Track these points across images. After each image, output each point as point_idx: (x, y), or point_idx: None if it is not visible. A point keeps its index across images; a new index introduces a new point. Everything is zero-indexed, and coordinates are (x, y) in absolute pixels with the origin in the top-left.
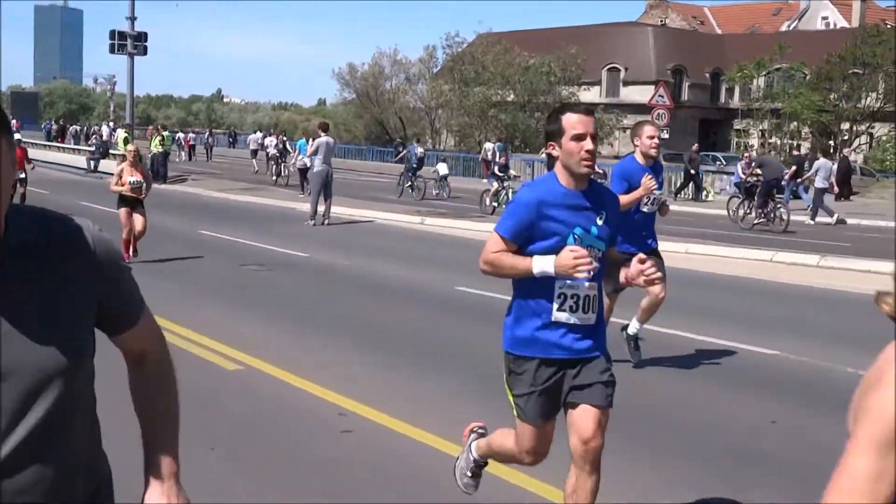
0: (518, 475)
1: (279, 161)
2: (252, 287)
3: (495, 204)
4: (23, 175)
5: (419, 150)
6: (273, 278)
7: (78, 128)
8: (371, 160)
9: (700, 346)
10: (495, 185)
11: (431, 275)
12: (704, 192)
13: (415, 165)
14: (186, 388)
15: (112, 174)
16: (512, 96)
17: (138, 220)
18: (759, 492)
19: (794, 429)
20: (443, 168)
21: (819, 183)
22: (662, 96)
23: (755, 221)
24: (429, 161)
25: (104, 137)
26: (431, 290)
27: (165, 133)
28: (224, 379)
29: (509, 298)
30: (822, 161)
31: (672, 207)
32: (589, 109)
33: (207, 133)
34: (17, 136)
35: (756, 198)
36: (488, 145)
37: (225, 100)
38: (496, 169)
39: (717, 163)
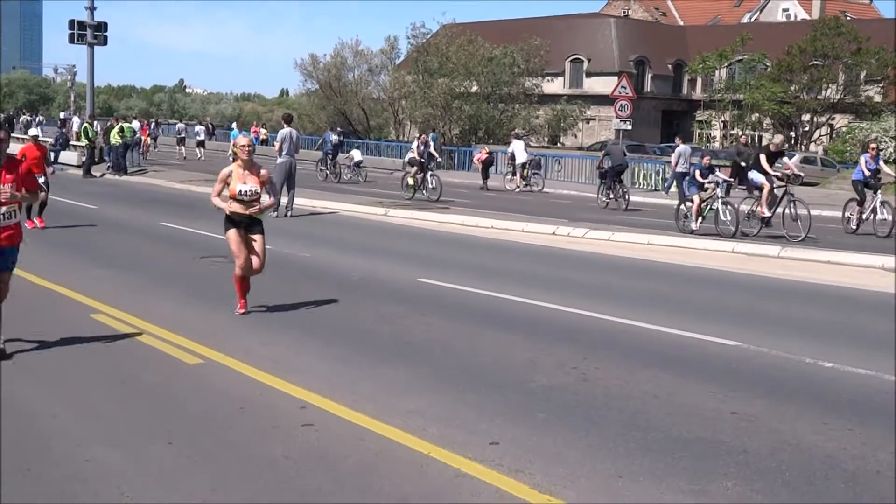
0: (501, 478)
1: (204, 145)
2: (213, 280)
3: (413, 190)
4: (42, 179)
5: (334, 137)
6: (233, 270)
7: (29, 117)
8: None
9: (658, 336)
10: (412, 170)
11: (394, 266)
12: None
13: (330, 152)
14: (146, 382)
15: (72, 165)
16: (475, 87)
17: (256, 248)
18: (719, 482)
19: (754, 419)
20: (357, 155)
21: (680, 168)
22: (625, 87)
23: (606, 202)
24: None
25: (75, 128)
26: (393, 281)
27: (125, 124)
28: (184, 372)
29: (471, 290)
30: (681, 147)
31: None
32: None
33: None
34: (34, 131)
35: (605, 181)
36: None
37: (188, 90)
38: (419, 156)
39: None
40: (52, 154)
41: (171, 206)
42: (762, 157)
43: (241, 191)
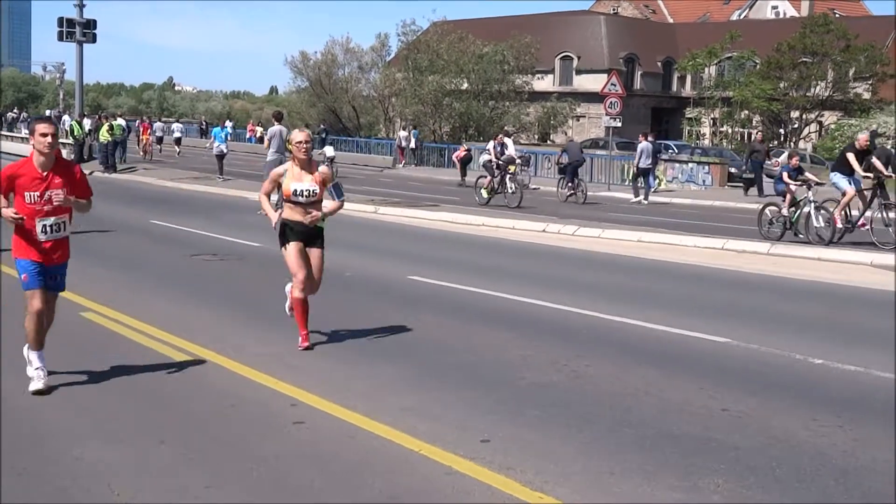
0: (492, 475)
1: (181, 142)
2: (204, 277)
3: (489, 194)
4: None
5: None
6: (225, 268)
7: (14, 114)
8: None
9: (649, 333)
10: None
11: (384, 264)
12: (657, 181)
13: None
14: (136, 380)
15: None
16: (466, 84)
17: (312, 264)
18: (709, 479)
19: (744, 416)
20: (329, 150)
21: (642, 164)
22: (615, 85)
23: (567, 195)
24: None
25: (66, 127)
26: (384, 279)
27: (116, 122)
28: (176, 370)
29: (462, 287)
30: (643, 144)
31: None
32: None
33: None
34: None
35: (565, 176)
36: (402, 133)
37: (177, 88)
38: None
39: (670, 151)
40: None
41: (161, 203)
42: (850, 157)
43: (296, 190)
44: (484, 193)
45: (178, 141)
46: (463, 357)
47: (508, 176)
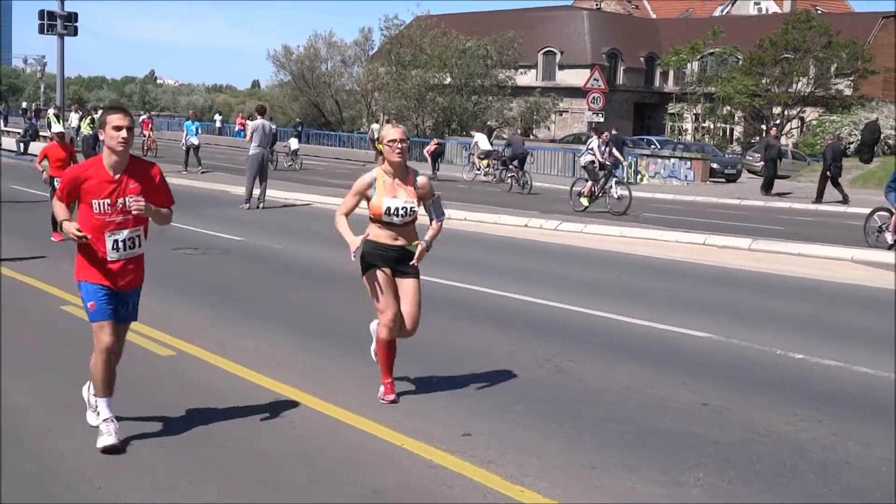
0: (474, 469)
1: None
2: (186, 272)
3: (589, 200)
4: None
5: (272, 126)
6: (207, 263)
7: None
8: (308, 143)
9: (631, 329)
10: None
11: None
12: (639, 176)
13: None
14: (119, 374)
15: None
16: (449, 79)
17: (408, 296)
18: (690, 473)
19: (725, 411)
20: (294, 143)
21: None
22: (598, 80)
23: (509, 186)
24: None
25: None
26: None
27: (97, 115)
28: (157, 365)
29: (444, 282)
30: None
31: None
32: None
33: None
34: (58, 127)
35: (506, 167)
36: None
37: (158, 81)
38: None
39: (652, 146)
40: (22, 145)
41: None
42: None
43: (390, 209)
44: (584, 201)
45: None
46: (446, 352)
47: (615, 180)
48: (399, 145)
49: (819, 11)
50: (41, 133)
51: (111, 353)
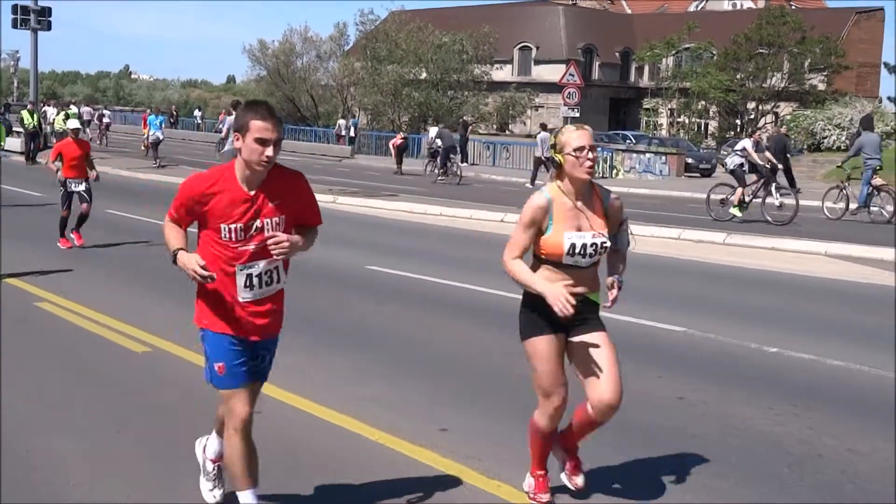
0: (451, 464)
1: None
2: (162, 267)
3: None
4: (83, 186)
5: (231, 120)
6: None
7: None
8: (283, 138)
9: (607, 322)
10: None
11: (343, 254)
12: (614, 171)
13: (223, 136)
14: (93, 371)
15: (16, 152)
16: (425, 74)
17: (602, 362)
18: (667, 467)
19: (701, 405)
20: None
21: (538, 153)
22: (573, 75)
23: (439, 177)
24: None
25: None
26: (342, 269)
27: (70, 110)
28: (132, 361)
29: (421, 277)
30: (542, 134)
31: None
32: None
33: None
34: (74, 123)
35: (438, 160)
36: (341, 121)
37: (133, 76)
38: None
39: (627, 141)
40: None
41: (117, 193)
42: None
43: (574, 247)
44: (735, 211)
45: (87, 124)
46: (422, 347)
47: (774, 185)
48: (589, 155)
49: (793, 7)
50: (14, 129)
51: (248, 427)
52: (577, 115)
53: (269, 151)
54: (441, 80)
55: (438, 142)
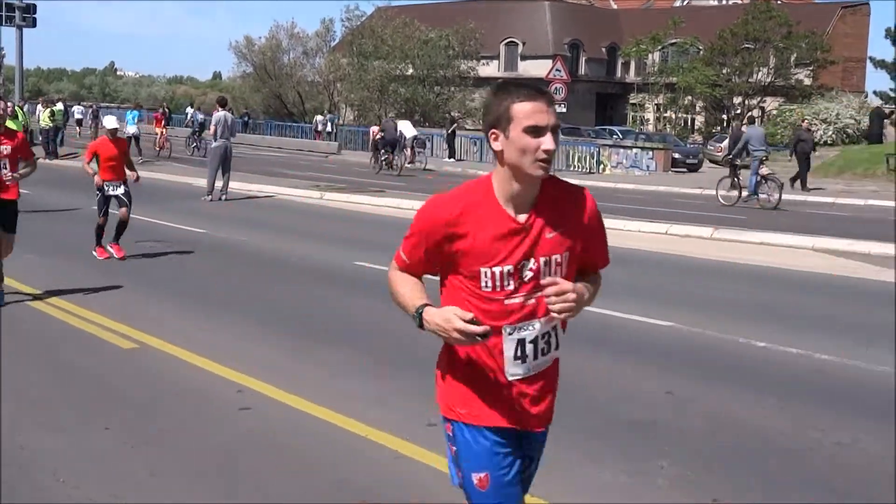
0: (439, 459)
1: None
2: (149, 264)
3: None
4: (121, 189)
5: (200, 116)
6: (170, 255)
7: None
8: (269, 135)
9: (594, 318)
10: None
11: (330, 250)
12: (601, 166)
13: (196, 129)
14: (81, 367)
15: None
16: (411, 70)
17: None
18: (655, 461)
19: (689, 399)
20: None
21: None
22: (560, 70)
23: (377, 168)
24: None
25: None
26: (330, 265)
27: (56, 107)
28: (119, 357)
29: None
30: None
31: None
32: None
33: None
34: (111, 121)
35: (382, 151)
36: (319, 117)
37: (119, 73)
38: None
39: (614, 136)
40: None
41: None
42: None
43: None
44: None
45: (79, 122)
46: (409, 343)
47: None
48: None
49: (779, 2)
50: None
51: None
52: (564, 110)
53: (548, 143)
54: (427, 75)
55: (380, 135)
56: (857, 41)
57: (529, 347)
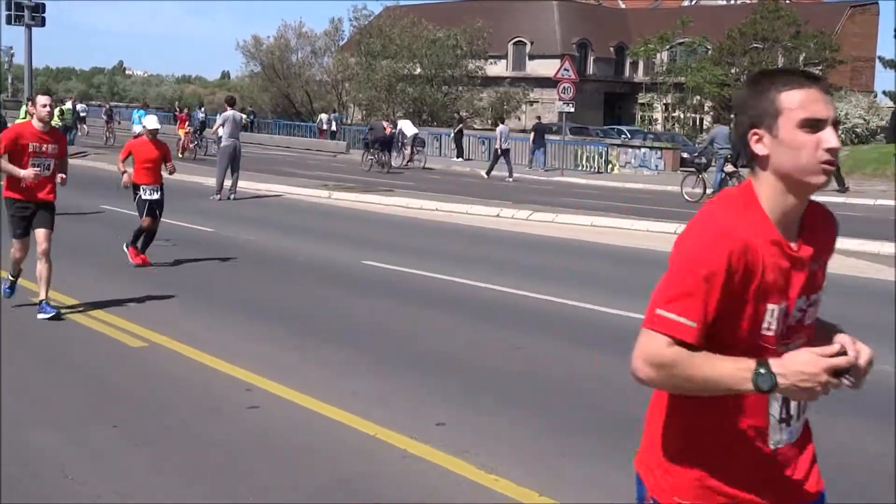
0: (447, 458)
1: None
2: (157, 263)
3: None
4: (157, 195)
5: (200, 115)
6: (178, 254)
7: None
8: (278, 134)
9: (601, 317)
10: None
11: (338, 249)
12: (610, 166)
13: (197, 128)
14: (90, 365)
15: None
16: (419, 69)
17: None
18: None
19: None
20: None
21: (503, 145)
22: (568, 70)
23: (369, 165)
24: None
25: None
26: (338, 264)
27: (65, 106)
28: (128, 355)
29: (416, 272)
30: (501, 127)
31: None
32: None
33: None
34: (153, 121)
35: (368, 151)
36: (323, 116)
37: (127, 72)
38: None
39: (623, 136)
40: None
41: (112, 188)
42: None
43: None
44: None
45: (82, 120)
46: (417, 341)
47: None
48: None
49: (787, 1)
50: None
51: None
52: (572, 109)
53: (831, 139)
54: (435, 75)
55: (371, 135)
56: (865, 41)
57: (794, 405)
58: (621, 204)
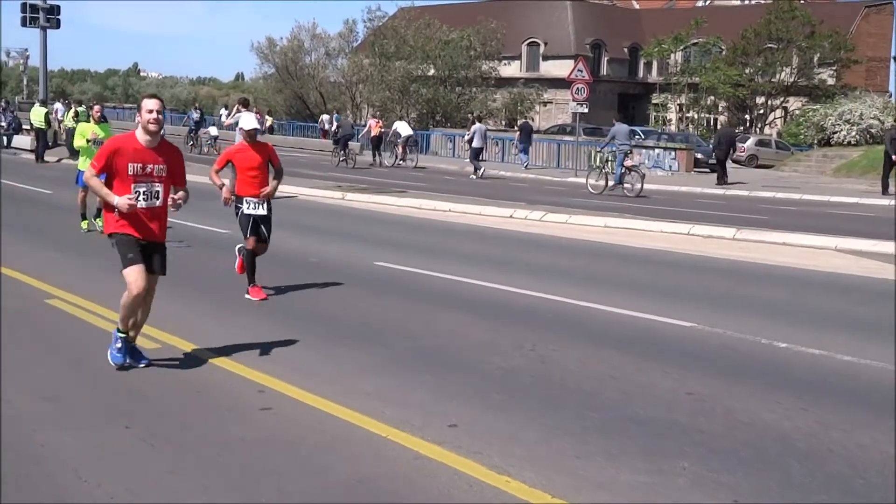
0: (459, 459)
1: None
2: (172, 264)
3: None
4: (263, 208)
5: (195, 115)
6: (193, 255)
7: None
8: (292, 135)
9: (614, 318)
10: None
11: (351, 249)
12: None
13: (192, 128)
14: (103, 367)
15: (25, 149)
16: (433, 71)
17: None
18: (675, 462)
19: (709, 400)
20: (213, 130)
21: (475, 144)
22: (581, 71)
23: (339, 161)
24: None
25: (59, 115)
26: (351, 265)
27: (80, 108)
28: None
29: (428, 273)
30: (477, 126)
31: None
32: None
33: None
34: (247, 120)
35: (336, 147)
36: (325, 116)
37: (142, 74)
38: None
39: (636, 137)
40: (5, 139)
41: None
42: None
43: None
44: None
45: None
46: (429, 342)
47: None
48: None
49: (802, 1)
50: (23, 127)
51: None
52: (586, 110)
53: None
54: (449, 76)
55: (339, 131)
56: (880, 40)
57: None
58: (631, 205)
